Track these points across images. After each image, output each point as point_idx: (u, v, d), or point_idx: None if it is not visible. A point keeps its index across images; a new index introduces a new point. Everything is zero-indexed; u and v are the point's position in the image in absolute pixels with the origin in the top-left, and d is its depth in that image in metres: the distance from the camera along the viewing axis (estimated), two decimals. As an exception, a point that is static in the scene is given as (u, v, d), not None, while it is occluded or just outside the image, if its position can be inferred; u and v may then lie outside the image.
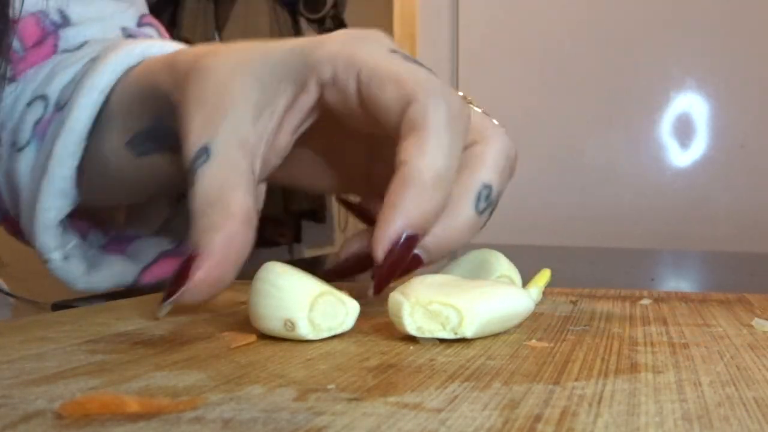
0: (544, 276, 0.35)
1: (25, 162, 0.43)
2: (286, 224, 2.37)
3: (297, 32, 2.53)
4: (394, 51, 0.31)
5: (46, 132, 0.43)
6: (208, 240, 0.29)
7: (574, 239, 1.47)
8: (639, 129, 1.52)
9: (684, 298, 0.41)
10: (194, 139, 0.31)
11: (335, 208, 2.51)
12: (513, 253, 0.38)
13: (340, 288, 0.29)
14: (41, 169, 0.42)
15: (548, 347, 0.27)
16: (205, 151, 0.31)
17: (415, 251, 0.30)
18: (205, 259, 0.29)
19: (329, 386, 0.21)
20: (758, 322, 0.32)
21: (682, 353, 0.26)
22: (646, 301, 0.39)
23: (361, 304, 0.29)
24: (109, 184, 0.43)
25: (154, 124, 0.39)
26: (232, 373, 0.23)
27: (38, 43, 0.47)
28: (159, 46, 0.42)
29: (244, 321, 0.32)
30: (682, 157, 1.51)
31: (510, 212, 1.51)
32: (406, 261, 0.29)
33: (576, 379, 0.22)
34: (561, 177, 1.53)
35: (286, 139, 0.33)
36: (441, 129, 0.29)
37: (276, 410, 0.19)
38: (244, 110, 0.31)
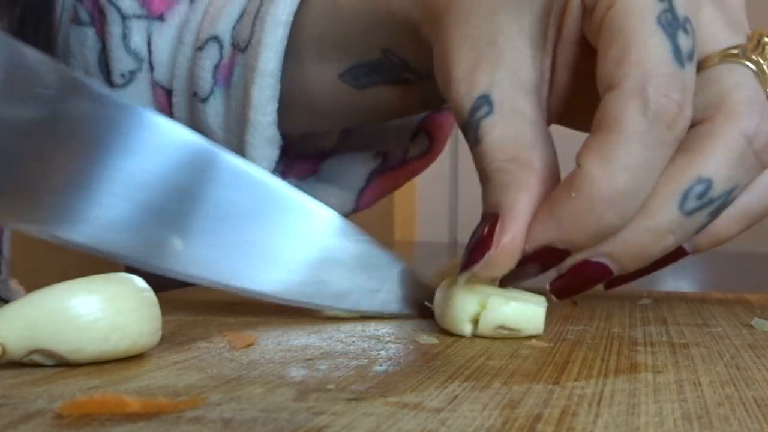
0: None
1: (214, 113, 0.40)
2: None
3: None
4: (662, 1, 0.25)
5: (230, 77, 0.39)
6: (512, 200, 0.26)
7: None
8: (639, 129, 1.52)
9: (684, 298, 0.41)
10: (467, 87, 0.27)
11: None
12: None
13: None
14: (239, 120, 0.39)
15: (548, 347, 0.27)
16: (486, 101, 0.27)
17: (600, 260, 0.27)
18: (511, 221, 0.25)
19: (329, 386, 0.21)
20: (758, 322, 0.32)
21: (682, 353, 0.26)
22: (646, 301, 0.39)
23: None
24: (318, 116, 0.40)
25: (380, 57, 0.35)
26: (232, 373, 0.23)
27: None
28: None
29: (244, 321, 0.32)
30: (682, 157, 1.51)
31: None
32: (535, 272, 0.27)
33: (576, 379, 0.22)
34: (561, 177, 1.53)
35: (564, 77, 0.29)
36: (635, 137, 0.24)
37: (276, 410, 0.19)
38: (520, 48, 0.27)
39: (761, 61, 0.27)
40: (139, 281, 0.25)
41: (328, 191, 0.45)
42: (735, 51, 0.27)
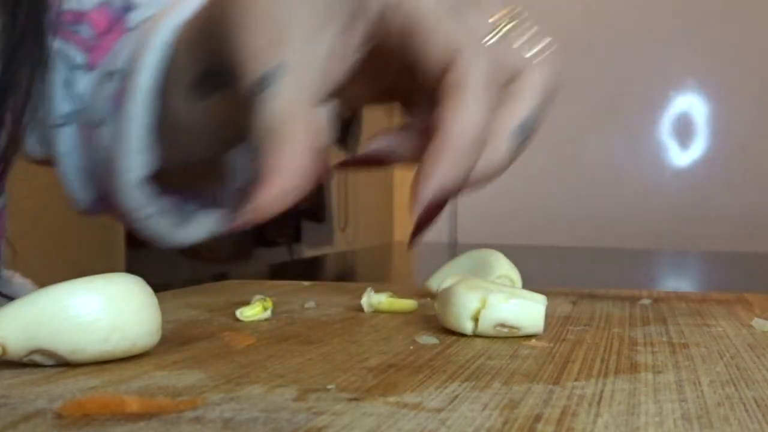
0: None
1: (107, 136, 0.44)
2: (285, 224, 2.38)
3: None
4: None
5: (121, 102, 0.43)
6: (272, 159, 0.28)
7: (574, 239, 1.47)
8: (639, 129, 1.52)
9: (684, 298, 0.41)
10: (256, 63, 0.30)
11: (335, 208, 2.52)
12: (513, 253, 0.38)
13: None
14: (117, 134, 0.42)
15: (548, 347, 0.27)
16: (270, 74, 0.30)
17: None
18: (269, 181, 0.28)
19: (329, 386, 0.21)
20: (758, 322, 0.32)
21: (682, 353, 0.26)
22: (646, 301, 0.39)
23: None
24: (184, 138, 0.43)
25: (212, 64, 0.38)
26: (232, 373, 0.23)
27: (108, 30, 0.47)
28: None
29: (244, 321, 0.32)
30: (682, 157, 1.51)
31: (510, 212, 1.51)
32: (437, 216, 0.30)
33: (576, 379, 0.22)
34: (561, 177, 1.53)
35: (341, 66, 0.32)
36: (478, 92, 0.30)
37: (276, 410, 0.19)
38: (303, 29, 0.31)
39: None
40: (139, 281, 0.25)
41: (206, 212, 0.48)
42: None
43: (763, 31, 1.46)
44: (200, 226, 0.47)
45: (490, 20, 0.33)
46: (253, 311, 0.33)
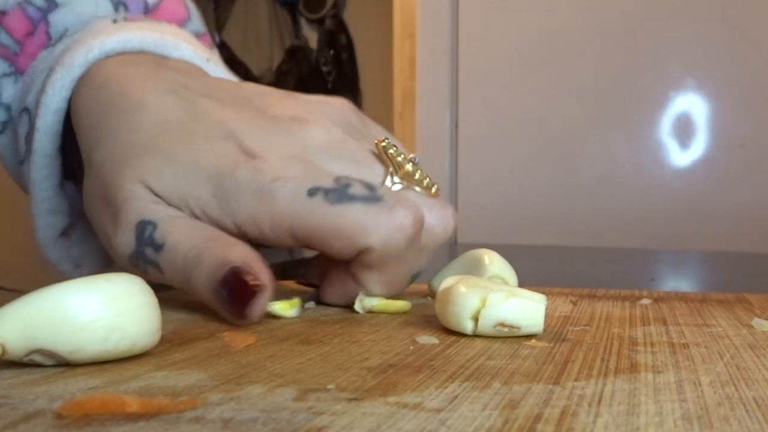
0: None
1: (27, 175, 0.43)
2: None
3: (297, 32, 2.53)
4: (313, 191, 0.31)
5: (30, 152, 0.42)
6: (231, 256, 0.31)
7: (574, 239, 1.47)
8: (639, 129, 1.52)
9: (684, 298, 0.41)
10: (121, 233, 0.33)
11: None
12: (513, 253, 0.38)
13: None
14: (30, 186, 0.41)
15: (548, 347, 0.27)
16: (145, 224, 0.32)
17: None
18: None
19: (329, 386, 0.21)
20: (758, 322, 0.32)
21: (682, 353, 0.26)
22: (646, 301, 0.39)
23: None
24: None
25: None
26: (232, 373, 0.23)
27: (30, 33, 0.45)
28: (98, 46, 0.40)
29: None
30: (682, 157, 1.51)
31: (510, 212, 1.51)
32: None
33: (576, 379, 0.22)
34: (561, 177, 1.53)
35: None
36: (392, 264, 0.33)
37: (276, 410, 0.19)
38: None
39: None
40: (139, 281, 0.25)
41: None
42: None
43: (763, 31, 1.46)
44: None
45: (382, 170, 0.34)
46: (282, 306, 0.33)
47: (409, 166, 0.35)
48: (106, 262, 0.46)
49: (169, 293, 0.41)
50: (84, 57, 0.39)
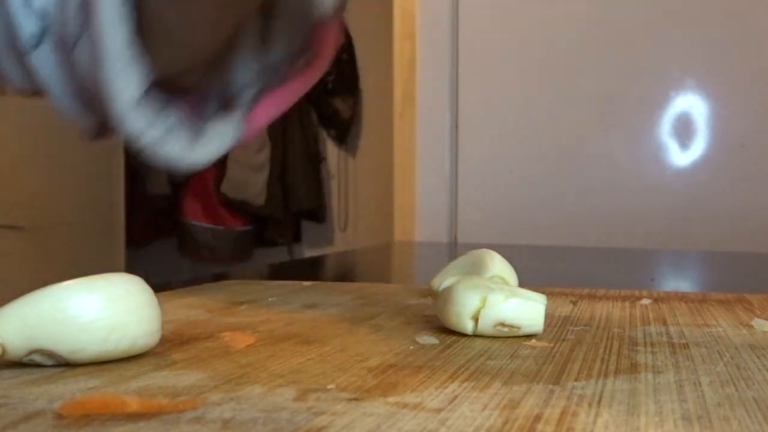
0: None
1: (85, 55, 0.39)
2: (286, 224, 2.38)
3: (297, 32, 2.53)
4: None
5: (90, 13, 0.38)
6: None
7: (574, 239, 1.47)
8: (639, 129, 1.52)
9: (684, 298, 0.41)
10: None
11: (335, 208, 2.52)
12: (513, 253, 0.38)
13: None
14: (95, 52, 0.38)
15: (548, 347, 0.27)
16: None
17: None
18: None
19: (329, 386, 0.21)
20: (758, 322, 0.32)
21: (682, 353, 0.26)
22: (646, 301, 0.39)
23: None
24: (176, 42, 0.40)
25: None
26: (232, 373, 0.23)
27: None
28: None
29: (244, 321, 0.32)
30: (682, 157, 1.51)
31: (510, 212, 1.51)
32: None
33: (576, 379, 0.22)
34: (561, 177, 1.53)
35: None
36: None
37: (276, 410, 0.19)
38: None
39: None
40: (139, 281, 0.25)
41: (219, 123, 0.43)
42: None
43: (763, 31, 1.46)
44: (216, 139, 0.42)
45: None
46: None
47: None
48: (189, 141, 0.41)
49: (169, 293, 0.41)
50: None
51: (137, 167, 1.80)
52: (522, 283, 0.36)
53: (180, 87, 0.43)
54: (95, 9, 0.37)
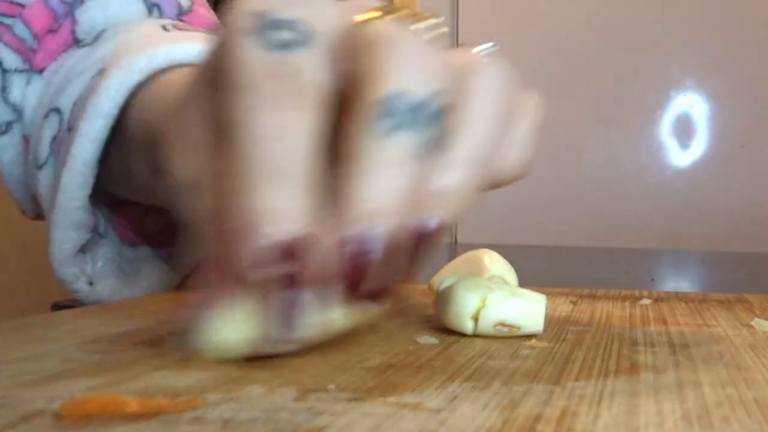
0: None
1: (45, 180, 0.40)
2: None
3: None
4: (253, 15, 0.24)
5: (60, 151, 0.39)
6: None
7: (574, 239, 1.47)
8: (639, 129, 1.52)
9: (684, 298, 0.41)
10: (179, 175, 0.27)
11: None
12: (513, 253, 0.38)
13: None
14: (52, 196, 0.38)
15: (548, 347, 0.27)
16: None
17: (360, 232, 0.23)
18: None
19: (329, 386, 0.21)
20: (758, 322, 0.32)
21: (682, 353, 0.26)
22: (646, 301, 0.39)
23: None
24: (141, 196, 0.40)
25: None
26: (232, 373, 0.23)
27: (52, 29, 0.43)
28: (164, 53, 0.37)
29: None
30: (682, 157, 1.51)
31: (510, 212, 1.51)
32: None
33: (576, 379, 0.22)
34: (561, 177, 1.53)
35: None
36: (252, 94, 0.23)
37: (276, 410, 0.19)
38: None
39: (400, 13, 0.26)
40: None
41: (159, 266, 0.44)
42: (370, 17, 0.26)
43: (763, 31, 1.46)
44: (148, 284, 0.42)
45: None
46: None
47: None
48: (119, 282, 0.42)
49: (169, 293, 0.41)
50: (147, 63, 0.37)
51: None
52: (522, 283, 0.36)
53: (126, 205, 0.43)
54: (66, 159, 0.37)
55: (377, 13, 0.26)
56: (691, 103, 1.50)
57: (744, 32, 1.47)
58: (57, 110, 0.40)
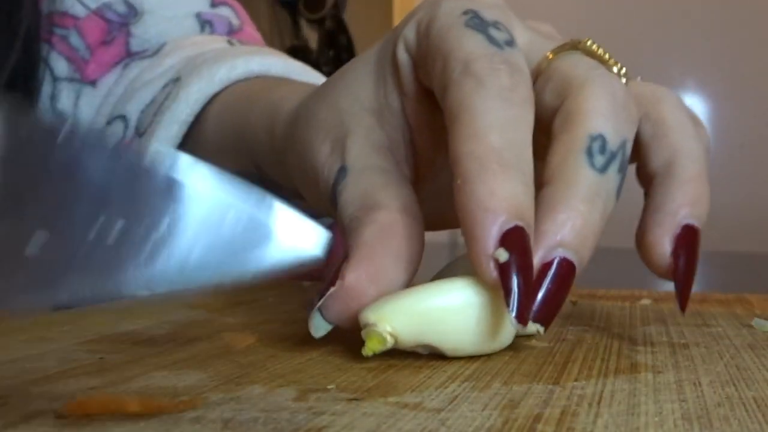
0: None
1: None
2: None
3: (297, 32, 2.53)
4: (467, 13, 0.26)
5: None
6: (357, 237, 0.25)
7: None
8: (639, 129, 1.52)
9: (684, 298, 0.41)
10: (327, 170, 0.28)
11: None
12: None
13: None
14: None
15: (548, 347, 0.27)
16: (342, 172, 0.27)
17: (557, 254, 0.25)
18: (354, 257, 0.24)
19: (329, 386, 0.21)
20: (758, 322, 0.32)
21: (682, 353, 0.26)
22: (646, 301, 0.39)
23: None
24: None
25: (251, 171, 0.36)
26: (232, 373, 0.23)
27: (106, 41, 0.44)
28: (242, 64, 0.39)
29: (244, 321, 0.32)
30: (682, 157, 1.51)
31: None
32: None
33: (576, 379, 0.22)
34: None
35: (422, 135, 0.29)
36: (480, 106, 0.24)
37: (276, 410, 0.19)
38: (364, 118, 0.28)
39: (587, 48, 0.28)
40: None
41: None
42: (563, 47, 0.28)
43: (764, 31, 1.46)
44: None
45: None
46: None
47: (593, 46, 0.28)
48: None
49: (169, 293, 0.41)
50: (226, 74, 0.39)
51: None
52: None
53: None
54: None
55: (568, 47, 0.28)
56: (691, 103, 1.50)
57: (744, 32, 1.47)
58: (122, 117, 0.42)
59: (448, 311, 0.24)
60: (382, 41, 0.30)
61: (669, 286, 0.29)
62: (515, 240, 0.23)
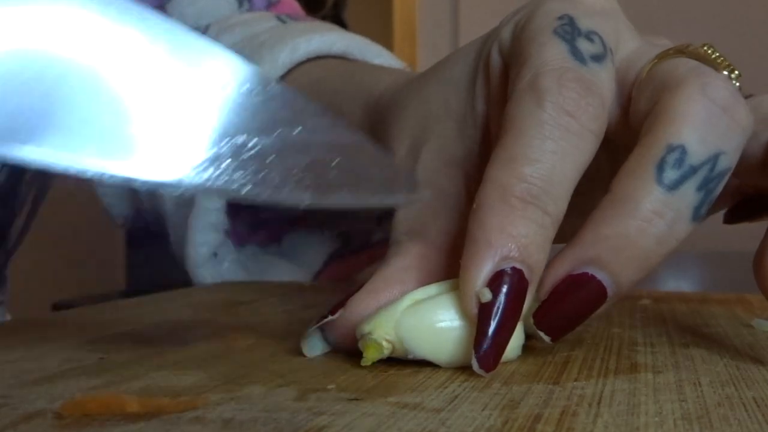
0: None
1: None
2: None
3: (297, 32, 2.53)
4: (562, 18, 0.25)
5: None
6: (385, 264, 0.25)
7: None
8: (639, 129, 1.52)
9: (684, 298, 0.41)
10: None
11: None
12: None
13: None
14: (189, 200, 0.39)
15: (548, 347, 0.27)
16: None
17: (587, 270, 0.23)
18: (366, 287, 0.24)
19: (329, 386, 0.21)
20: (758, 322, 0.32)
21: (682, 353, 0.26)
22: (646, 301, 0.39)
23: None
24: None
25: None
26: (232, 373, 0.23)
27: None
28: (304, 45, 0.38)
29: (244, 321, 0.32)
30: (682, 157, 1.51)
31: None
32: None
33: (576, 379, 0.22)
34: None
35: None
36: (531, 128, 0.22)
37: (276, 410, 0.19)
38: (448, 126, 0.27)
39: (696, 51, 0.26)
40: None
41: (287, 267, 0.44)
42: (668, 51, 0.26)
43: (763, 31, 1.46)
44: (276, 278, 0.43)
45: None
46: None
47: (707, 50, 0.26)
48: (250, 270, 0.43)
49: (169, 293, 0.41)
50: (289, 56, 0.38)
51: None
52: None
53: (271, 213, 0.43)
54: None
55: (676, 51, 0.25)
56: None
57: (744, 32, 1.47)
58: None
59: (444, 329, 0.23)
60: (485, 36, 0.28)
61: (669, 286, 0.29)
62: (506, 282, 0.22)
